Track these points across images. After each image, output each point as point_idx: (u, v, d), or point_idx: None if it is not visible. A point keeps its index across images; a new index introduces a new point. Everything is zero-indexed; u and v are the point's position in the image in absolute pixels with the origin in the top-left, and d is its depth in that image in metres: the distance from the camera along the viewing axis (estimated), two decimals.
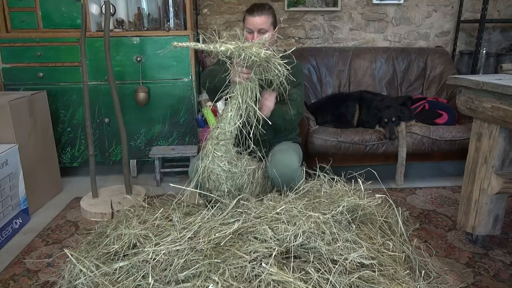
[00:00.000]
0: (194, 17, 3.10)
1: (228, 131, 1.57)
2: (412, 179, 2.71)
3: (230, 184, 1.60)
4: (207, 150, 1.59)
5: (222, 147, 1.57)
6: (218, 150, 1.57)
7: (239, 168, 1.61)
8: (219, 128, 1.58)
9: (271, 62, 1.51)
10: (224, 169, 1.57)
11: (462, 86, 1.74)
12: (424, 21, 3.32)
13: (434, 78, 3.04)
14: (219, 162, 1.57)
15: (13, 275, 1.69)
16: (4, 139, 2.11)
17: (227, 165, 1.57)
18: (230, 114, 1.57)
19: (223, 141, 1.57)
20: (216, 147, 1.57)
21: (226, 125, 1.57)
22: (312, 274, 1.17)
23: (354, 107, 2.69)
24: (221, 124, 1.58)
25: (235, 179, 1.60)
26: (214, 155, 1.57)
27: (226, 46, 1.44)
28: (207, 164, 1.58)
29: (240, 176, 1.61)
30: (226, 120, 1.57)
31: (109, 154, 2.73)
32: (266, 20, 1.73)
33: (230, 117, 1.57)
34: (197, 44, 1.46)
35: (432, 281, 1.50)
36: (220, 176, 1.58)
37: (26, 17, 2.59)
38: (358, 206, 1.50)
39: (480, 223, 1.78)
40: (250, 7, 1.76)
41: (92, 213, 2.19)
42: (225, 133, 1.57)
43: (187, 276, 1.19)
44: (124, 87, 2.59)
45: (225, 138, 1.57)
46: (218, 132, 1.58)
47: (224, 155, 1.57)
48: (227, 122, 1.57)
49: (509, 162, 1.70)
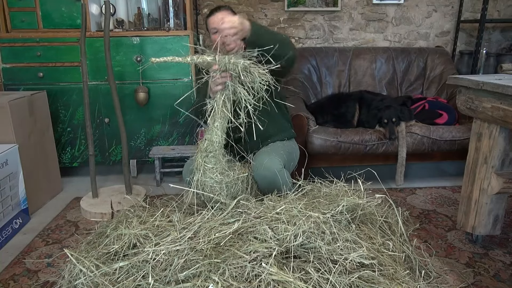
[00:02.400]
0: (194, 17, 3.10)
1: (216, 142, 1.55)
2: (412, 179, 2.71)
3: (225, 194, 1.58)
4: (198, 163, 1.57)
5: (212, 158, 1.56)
6: (208, 163, 1.56)
7: (231, 177, 1.60)
8: (206, 140, 1.57)
9: (252, 71, 1.47)
10: (217, 180, 1.56)
11: (462, 86, 1.74)
12: (424, 21, 3.32)
13: (434, 78, 3.04)
14: (211, 174, 1.56)
15: (13, 275, 1.69)
16: (4, 139, 2.11)
17: (219, 176, 1.56)
18: (215, 124, 1.55)
19: (212, 153, 1.56)
20: (206, 159, 1.56)
21: (213, 136, 1.55)
22: (312, 274, 1.17)
23: (354, 107, 2.69)
24: (208, 136, 1.56)
25: (229, 188, 1.59)
26: (205, 167, 1.56)
27: (203, 58, 1.45)
28: (199, 177, 1.56)
29: (234, 185, 1.60)
30: (212, 131, 1.56)
31: (109, 154, 2.73)
32: (226, 14, 1.77)
33: (216, 127, 1.55)
34: (174, 58, 1.47)
35: (432, 281, 1.51)
36: (214, 188, 1.57)
37: (26, 17, 2.59)
38: (358, 206, 1.50)
39: (480, 223, 1.78)
40: (209, 11, 1.86)
41: (92, 213, 2.19)
42: (213, 144, 1.55)
43: (187, 276, 1.19)
44: (124, 87, 2.59)
45: (214, 150, 1.56)
46: (207, 144, 1.56)
47: (215, 166, 1.56)
48: (214, 133, 1.55)
49: (509, 162, 1.70)
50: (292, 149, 1.88)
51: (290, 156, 1.83)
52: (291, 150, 1.85)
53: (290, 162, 1.83)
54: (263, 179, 1.63)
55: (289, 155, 1.80)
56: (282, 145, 1.80)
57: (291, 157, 1.84)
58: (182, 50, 2.56)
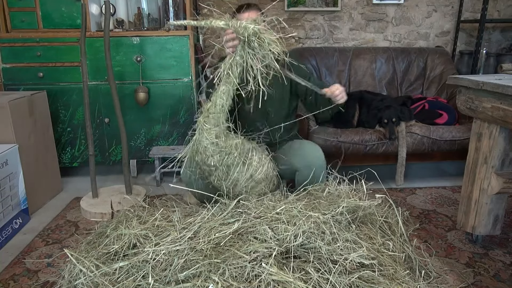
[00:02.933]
0: (194, 17, 3.10)
1: (218, 104, 1.58)
2: (412, 179, 2.71)
3: (217, 159, 1.61)
4: (198, 122, 1.62)
5: (211, 119, 1.59)
6: (207, 123, 1.59)
7: (227, 143, 1.61)
8: (210, 102, 1.61)
9: (264, 39, 1.49)
10: (212, 141, 1.58)
11: (462, 86, 1.74)
12: (424, 21, 3.32)
13: (434, 78, 3.04)
14: (207, 134, 1.58)
15: (13, 275, 1.69)
16: (4, 139, 2.11)
17: (214, 138, 1.59)
18: (222, 88, 1.59)
19: (213, 115, 1.59)
20: (205, 119, 1.60)
21: (217, 99, 1.59)
22: (312, 274, 1.17)
23: (354, 107, 2.69)
24: (213, 98, 1.61)
25: (223, 154, 1.61)
26: (203, 127, 1.59)
27: (216, 22, 1.52)
28: (196, 136, 1.61)
29: (228, 153, 1.62)
30: (217, 94, 1.59)
31: (109, 154, 2.73)
32: (256, 14, 1.84)
33: (222, 90, 1.59)
34: (190, 21, 1.57)
35: (432, 281, 1.51)
36: (207, 149, 1.59)
37: (26, 17, 2.59)
38: (359, 207, 1.50)
39: (480, 223, 1.78)
40: (238, 7, 1.90)
41: (92, 213, 2.19)
42: (216, 107, 1.59)
43: (187, 276, 1.19)
44: (124, 87, 2.59)
45: (215, 112, 1.59)
46: (210, 105, 1.60)
47: (212, 127, 1.59)
48: (218, 96, 1.59)
49: (509, 162, 1.70)
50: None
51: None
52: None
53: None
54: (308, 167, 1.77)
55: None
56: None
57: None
58: (182, 50, 2.57)
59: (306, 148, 1.88)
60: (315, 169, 1.78)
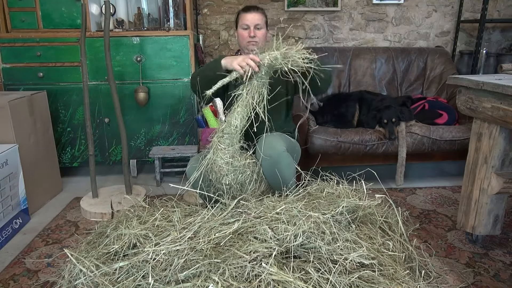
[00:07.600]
0: (194, 17, 3.10)
1: (233, 125, 1.60)
2: (412, 179, 2.71)
3: (232, 177, 1.62)
4: (212, 142, 1.64)
5: (226, 140, 1.61)
6: (222, 143, 1.61)
7: (241, 162, 1.63)
8: (225, 122, 1.63)
9: (289, 55, 1.49)
10: (226, 161, 1.60)
11: (462, 86, 1.74)
12: (424, 21, 3.32)
13: (434, 78, 3.04)
14: (222, 154, 1.60)
15: (13, 275, 1.69)
16: (4, 139, 2.11)
17: (229, 158, 1.60)
18: (238, 110, 1.61)
19: (227, 135, 1.61)
20: (220, 139, 1.62)
21: (232, 120, 1.61)
22: (312, 274, 1.17)
23: (354, 107, 2.69)
24: (228, 119, 1.63)
25: (237, 173, 1.63)
26: (217, 147, 1.61)
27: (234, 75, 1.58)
28: (211, 155, 1.62)
29: (242, 171, 1.64)
30: (233, 115, 1.61)
31: (109, 154, 2.73)
32: (261, 17, 1.88)
33: (238, 112, 1.61)
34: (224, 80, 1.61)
35: (432, 281, 1.51)
36: (222, 168, 1.61)
37: (26, 17, 2.59)
38: (359, 207, 1.50)
39: (480, 223, 1.78)
40: (245, 6, 1.92)
41: (92, 213, 2.19)
42: (230, 127, 1.61)
43: (187, 276, 1.19)
44: (124, 87, 2.59)
45: (230, 132, 1.61)
46: (225, 125, 1.62)
47: (227, 148, 1.61)
48: (234, 117, 1.61)
49: (509, 162, 1.70)
50: (295, 143, 1.92)
51: (293, 147, 1.85)
52: (293, 144, 1.89)
53: (293, 153, 1.84)
54: (266, 160, 1.65)
55: (291, 144, 1.83)
56: (285, 136, 1.85)
57: (293, 148, 1.86)
58: (182, 50, 2.57)
59: (266, 139, 1.70)
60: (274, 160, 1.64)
